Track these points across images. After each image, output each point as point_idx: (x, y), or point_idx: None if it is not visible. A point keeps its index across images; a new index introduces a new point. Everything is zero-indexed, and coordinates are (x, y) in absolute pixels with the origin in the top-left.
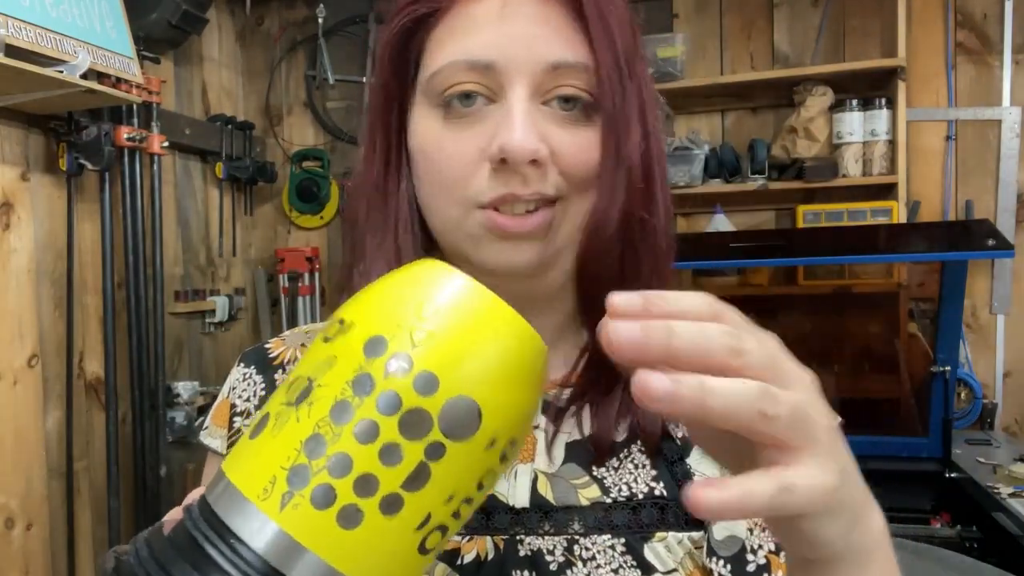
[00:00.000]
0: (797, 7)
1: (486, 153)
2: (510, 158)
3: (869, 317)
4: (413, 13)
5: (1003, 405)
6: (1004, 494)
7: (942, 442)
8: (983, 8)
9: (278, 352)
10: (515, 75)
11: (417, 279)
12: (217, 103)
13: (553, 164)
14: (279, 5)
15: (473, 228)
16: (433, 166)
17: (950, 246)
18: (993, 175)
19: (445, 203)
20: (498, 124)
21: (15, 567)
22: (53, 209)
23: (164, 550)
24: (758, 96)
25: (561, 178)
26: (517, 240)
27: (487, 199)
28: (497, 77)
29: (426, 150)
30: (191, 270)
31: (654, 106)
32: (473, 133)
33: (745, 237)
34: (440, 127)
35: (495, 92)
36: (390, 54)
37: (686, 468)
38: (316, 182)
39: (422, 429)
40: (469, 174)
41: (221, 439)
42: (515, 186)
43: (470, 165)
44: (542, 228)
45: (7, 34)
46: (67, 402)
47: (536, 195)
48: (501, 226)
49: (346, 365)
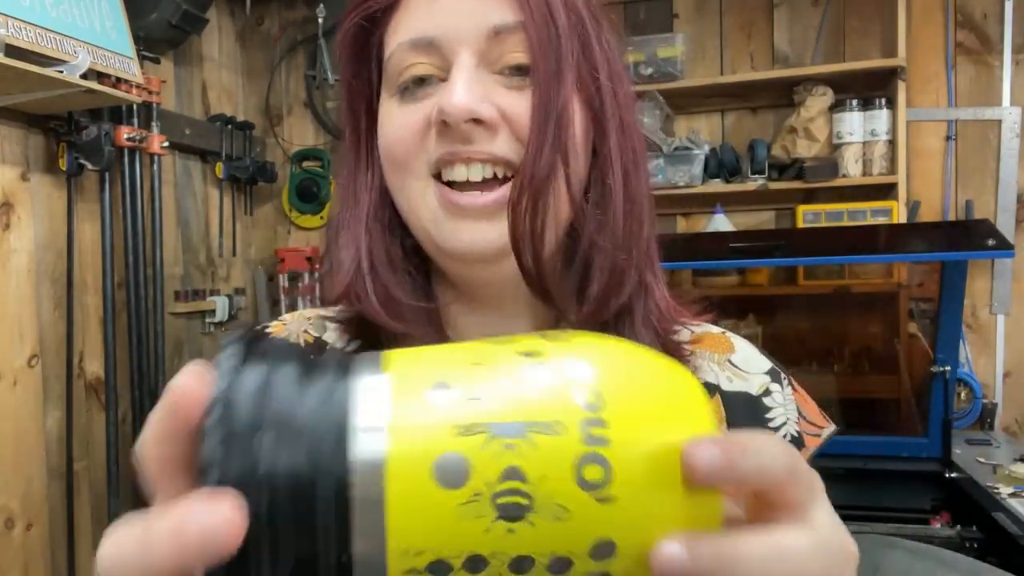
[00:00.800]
0: (797, 7)
1: (431, 121)
2: (448, 118)
3: (869, 317)
4: (366, 11)
5: (1003, 405)
6: (1004, 494)
7: (942, 442)
8: (983, 8)
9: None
10: (457, 46)
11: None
12: (217, 103)
13: (505, 128)
14: (279, 5)
15: (431, 203)
16: (389, 144)
17: (950, 246)
18: (993, 175)
19: (404, 179)
20: (442, 92)
21: (15, 567)
22: (53, 209)
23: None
24: (758, 96)
25: (518, 144)
26: (478, 219)
27: (434, 160)
28: (442, 52)
29: (384, 132)
30: (191, 270)
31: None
32: (421, 106)
33: (745, 237)
34: (396, 107)
35: (444, 69)
36: (348, 54)
37: None
38: (316, 182)
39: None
40: (419, 143)
41: None
42: (457, 145)
43: (419, 134)
44: (496, 205)
45: (7, 34)
46: (67, 402)
47: (482, 154)
48: (454, 202)
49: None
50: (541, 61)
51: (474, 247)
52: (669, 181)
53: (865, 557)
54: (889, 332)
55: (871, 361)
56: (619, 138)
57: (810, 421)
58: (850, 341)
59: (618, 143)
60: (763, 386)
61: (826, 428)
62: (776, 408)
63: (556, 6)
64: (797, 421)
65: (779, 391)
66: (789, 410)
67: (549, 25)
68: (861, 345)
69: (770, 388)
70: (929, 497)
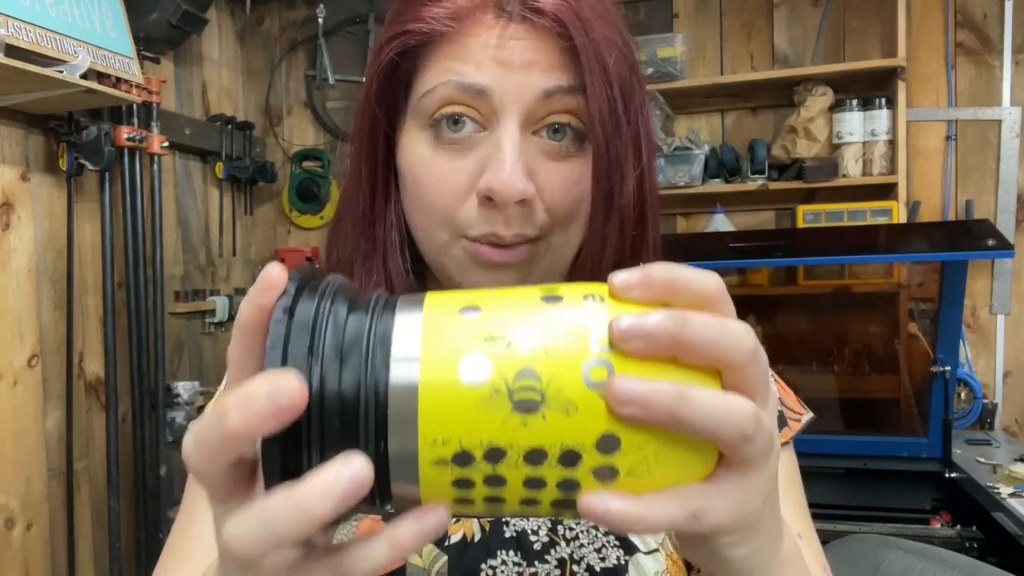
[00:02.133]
0: (797, 7)
1: (474, 184)
2: (498, 199)
3: (869, 317)
4: (404, 44)
5: (1003, 405)
6: (1004, 494)
7: (942, 442)
8: (983, 8)
9: None
10: (509, 103)
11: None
12: (217, 103)
13: (540, 200)
14: (279, 5)
15: (459, 255)
16: (422, 191)
17: (950, 246)
18: (993, 175)
19: (433, 228)
20: (488, 157)
21: (15, 567)
22: (53, 209)
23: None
24: (758, 96)
25: (546, 215)
26: (501, 269)
27: (473, 234)
28: (490, 103)
29: (415, 173)
30: (191, 270)
31: (650, 137)
32: (464, 162)
33: (745, 237)
34: (431, 151)
35: (486, 119)
36: (379, 82)
37: None
38: (316, 182)
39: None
40: (457, 204)
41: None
42: (499, 226)
43: (459, 196)
44: (525, 260)
45: (7, 34)
46: (67, 402)
47: (518, 237)
48: (486, 256)
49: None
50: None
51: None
52: (669, 181)
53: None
54: (889, 332)
55: (871, 361)
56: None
57: (790, 408)
58: (850, 341)
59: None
60: None
61: (805, 415)
62: None
63: (612, 76)
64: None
65: None
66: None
67: (609, 100)
68: (861, 345)
69: None
70: (929, 497)
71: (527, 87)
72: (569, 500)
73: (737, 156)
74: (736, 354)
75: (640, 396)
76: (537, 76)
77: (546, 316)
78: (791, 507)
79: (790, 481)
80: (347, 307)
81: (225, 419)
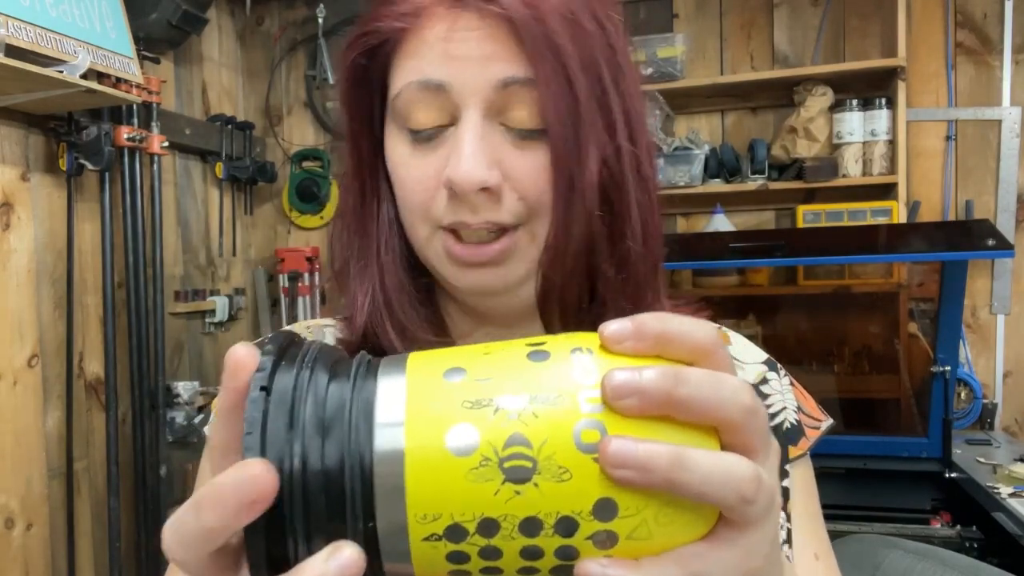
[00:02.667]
0: (797, 7)
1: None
2: (457, 189)
3: (869, 317)
4: (365, 45)
5: (1003, 405)
6: (1004, 494)
7: (942, 442)
8: (983, 8)
9: None
10: (467, 96)
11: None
12: (217, 103)
13: (510, 189)
14: (279, 5)
15: (438, 248)
16: (402, 188)
17: (950, 246)
18: (993, 175)
19: (415, 223)
20: (451, 149)
21: (15, 567)
22: (53, 209)
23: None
24: (758, 96)
25: (520, 203)
26: (480, 268)
27: (444, 224)
28: (451, 98)
29: (397, 172)
30: (191, 270)
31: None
32: (434, 158)
33: (745, 237)
34: (408, 150)
35: (451, 114)
36: (350, 87)
37: None
38: (316, 182)
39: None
40: (430, 197)
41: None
42: (464, 214)
43: (431, 189)
44: (500, 256)
45: (7, 34)
46: (67, 402)
47: (487, 224)
48: (457, 254)
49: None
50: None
51: (477, 290)
52: (669, 181)
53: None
54: (889, 332)
55: (871, 361)
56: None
57: (808, 415)
58: (850, 341)
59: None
60: (760, 375)
61: (824, 421)
62: (774, 395)
63: (572, 65)
64: (796, 412)
65: (776, 379)
66: (787, 399)
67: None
68: (861, 345)
69: (767, 376)
70: (929, 497)
71: (484, 79)
72: (568, 567)
73: (737, 156)
74: (734, 412)
75: (634, 460)
76: (494, 67)
77: (533, 375)
78: (807, 523)
79: (806, 494)
80: (328, 375)
81: (200, 514)
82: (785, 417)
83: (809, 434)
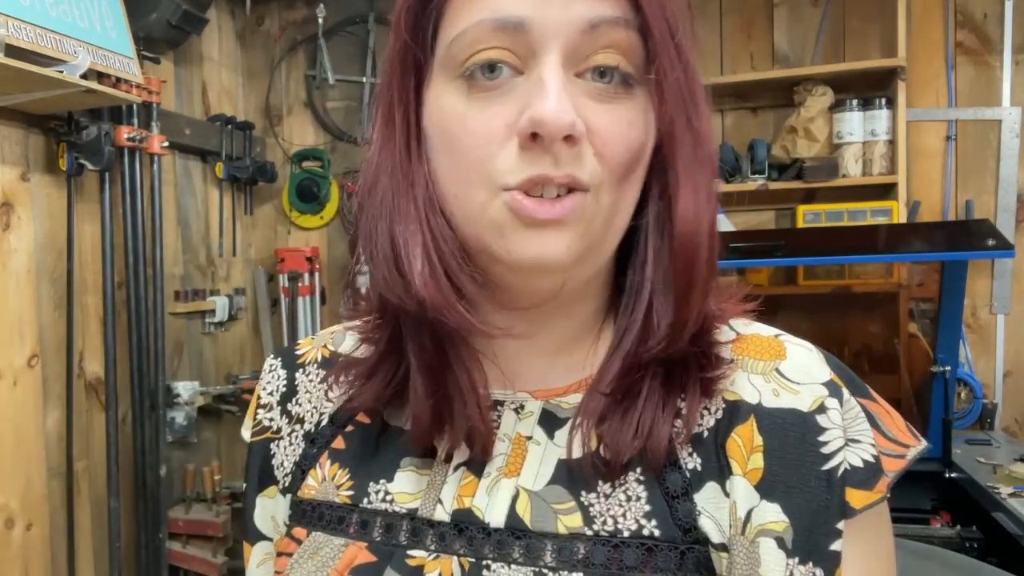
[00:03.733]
0: (797, 7)
1: (514, 128)
2: (543, 131)
3: (869, 317)
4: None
5: (1003, 405)
6: (1004, 494)
7: (942, 442)
8: (983, 8)
9: (304, 351)
10: (549, 37)
11: None
12: (217, 103)
13: (589, 144)
14: (279, 5)
15: (498, 213)
16: (455, 145)
17: (950, 246)
18: (993, 175)
19: (467, 187)
20: (529, 95)
21: (15, 567)
22: (53, 209)
23: None
24: (758, 96)
25: (596, 161)
26: (545, 228)
27: (514, 181)
28: (527, 39)
29: (447, 128)
30: (191, 270)
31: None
32: (501, 108)
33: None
34: (463, 102)
35: (524, 60)
36: (409, 17)
37: (690, 507)
38: (316, 182)
39: None
40: (494, 153)
41: (248, 430)
42: (545, 166)
43: (496, 143)
44: (575, 214)
45: (7, 34)
46: (67, 402)
47: (569, 178)
48: (528, 210)
49: None
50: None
51: (544, 260)
52: None
53: None
54: (889, 332)
55: (871, 361)
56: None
57: (893, 439)
58: (850, 341)
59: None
60: (817, 400)
61: (913, 447)
62: (832, 430)
63: (672, 9)
64: (873, 440)
65: (836, 408)
66: (854, 431)
67: (671, 29)
68: (861, 345)
69: (826, 404)
70: (929, 497)
71: (570, 19)
72: None
73: (737, 156)
74: None
75: None
76: (580, 5)
77: None
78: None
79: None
80: None
81: None
82: (845, 457)
83: (889, 466)
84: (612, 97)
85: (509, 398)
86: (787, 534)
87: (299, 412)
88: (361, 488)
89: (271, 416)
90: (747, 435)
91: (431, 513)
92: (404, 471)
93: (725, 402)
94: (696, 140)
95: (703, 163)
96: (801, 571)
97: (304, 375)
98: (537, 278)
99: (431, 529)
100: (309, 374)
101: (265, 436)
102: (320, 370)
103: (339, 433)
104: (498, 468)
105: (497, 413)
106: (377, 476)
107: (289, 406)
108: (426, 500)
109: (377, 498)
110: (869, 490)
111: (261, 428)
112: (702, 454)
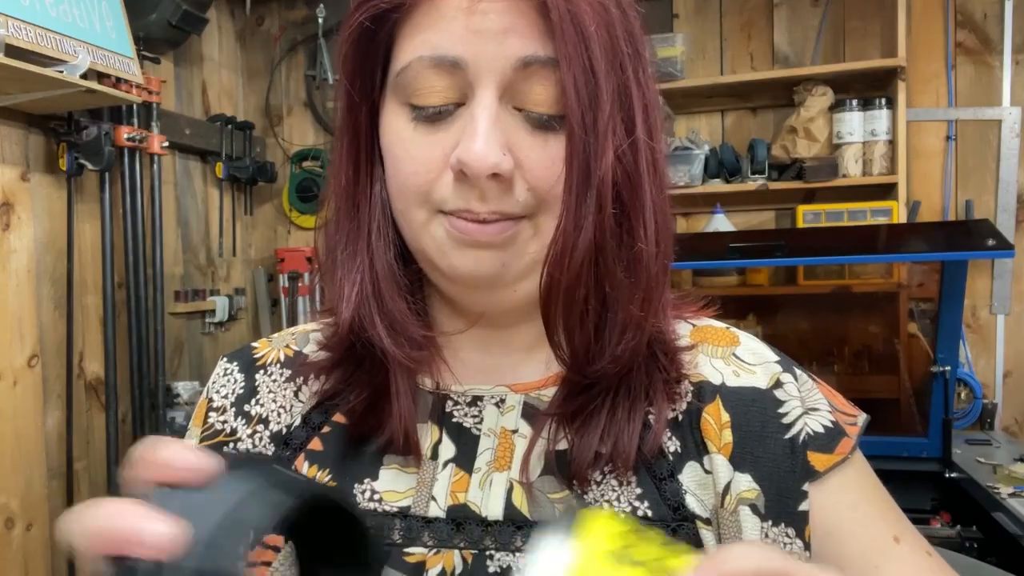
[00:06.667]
0: (797, 7)
1: (448, 160)
2: (468, 172)
3: (869, 317)
4: (375, 9)
5: (1003, 405)
6: (1004, 494)
7: (942, 442)
8: (983, 8)
9: (263, 353)
10: (483, 73)
11: None
12: (217, 103)
13: (521, 178)
14: (279, 5)
15: (438, 232)
16: (399, 168)
17: (950, 246)
18: (993, 175)
19: (410, 206)
20: (463, 130)
21: (15, 567)
22: (53, 209)
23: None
24: (758, 96)
25: (529, 193)
26: (481, 248)
27: (448, 208)
28: (464, 75)
29: (392, 150)
30: (191, 270)
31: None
32: (443, 135)
33: (745, 237)
34: (410, 128)
35: (462, 92)
36: (353, 51)
37: (677, 487)
38: (316, 182)
39: None
40: (433, 179)
41: (195, 438)
42: (473, 201)
43: (434, 171)
44: (505, 238)
45: (7, 34)
46: (67, 402)
47: (495, 214)
48: (462, 230)
49: None
50: (577, 113)
51: (479, 275)
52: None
53: None
54: (889, 332)
55: (871, 361)
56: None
57: (841, 410)
58: (850, 341)
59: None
60: (773, 377)
61: (859, 416)
62: (790, 401)
63: (596, 48)
64: (831, 412)
65: (792, 382)
66: (810, 401)
67: (587, 72)
68: (861, 345)
69: (781, 379)
70: (929, 497)
71: (503, 56)
72: None
73: (737, 156)
74: None
75: None
76: (514, 43)
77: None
78: (879, 516)
79: (871, 488)
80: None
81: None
82: (806, 423)
83: (850, 431)
84: (546, 130)
85: (488, 392)
86: (759, 500)
87: (261, 412)
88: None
89: (224, 419)
90: (715, 413)
91: (425, 511)
92: (388, 469)
93: (692, 384)
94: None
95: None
96: (774, 532)
97: (266, 375)
98: (484, 292)
99: (427, 526)
100: (272, 374)
101: (217, 440)
102: (284, 369)
103: (315, 435)
104: (487, 462)
105: (478, 408)
106: (360, 476)
107: (247, 407)
108: (418, 498)
109: (364, 498)
110: (830, 453)
111: (212, 432)
112: (680, 436)
